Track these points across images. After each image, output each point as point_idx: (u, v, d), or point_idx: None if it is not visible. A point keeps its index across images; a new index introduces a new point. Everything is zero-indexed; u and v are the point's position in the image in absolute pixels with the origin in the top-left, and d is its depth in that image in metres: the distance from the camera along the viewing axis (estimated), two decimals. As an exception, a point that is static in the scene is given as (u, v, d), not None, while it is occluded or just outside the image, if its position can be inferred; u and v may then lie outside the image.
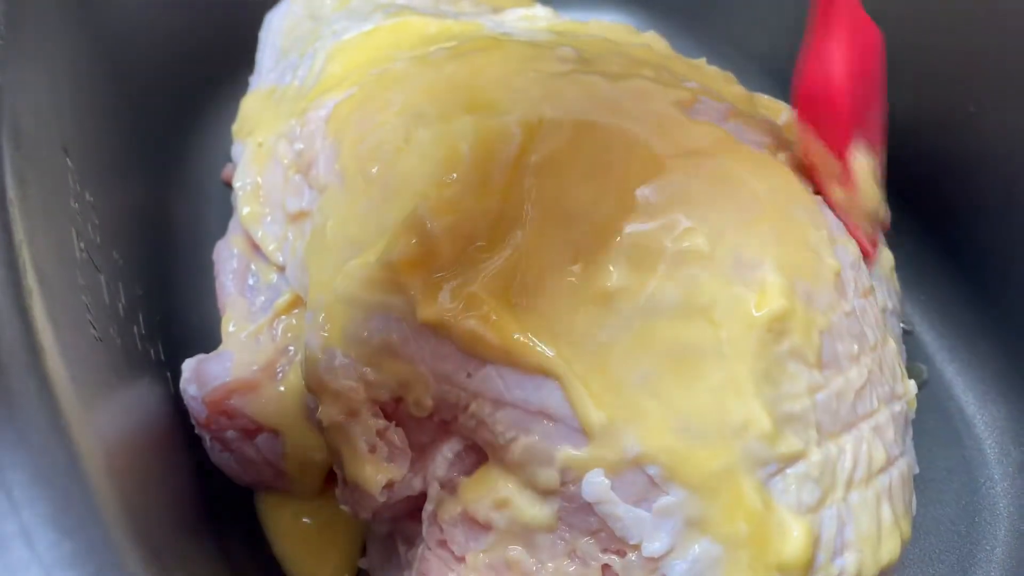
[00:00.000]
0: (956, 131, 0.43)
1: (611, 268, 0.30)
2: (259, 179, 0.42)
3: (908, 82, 0.45)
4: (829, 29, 0.33)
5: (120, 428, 0.29)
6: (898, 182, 0.47)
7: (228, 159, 0.47)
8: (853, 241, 0.34)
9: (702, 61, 0.42)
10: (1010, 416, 0.43)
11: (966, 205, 0.44)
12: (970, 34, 0.42)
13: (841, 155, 0.34)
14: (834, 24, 0.33)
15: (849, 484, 0.30)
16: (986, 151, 0.42)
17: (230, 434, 0.38)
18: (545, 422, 0.30)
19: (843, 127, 0.34)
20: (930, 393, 0.45)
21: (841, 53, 0.33)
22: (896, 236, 0.39)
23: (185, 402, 0.38)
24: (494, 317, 0.30)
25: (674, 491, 0.29)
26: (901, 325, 0.37)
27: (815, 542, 0.29)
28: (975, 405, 0.44)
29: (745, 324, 0.30)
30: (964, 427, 0.44)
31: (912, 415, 0.35)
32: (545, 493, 0.30)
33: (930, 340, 0.46)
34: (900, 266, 0.38)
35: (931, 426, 0.43)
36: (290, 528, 0.39)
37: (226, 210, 0.45)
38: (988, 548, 0.40)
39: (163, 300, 0.41)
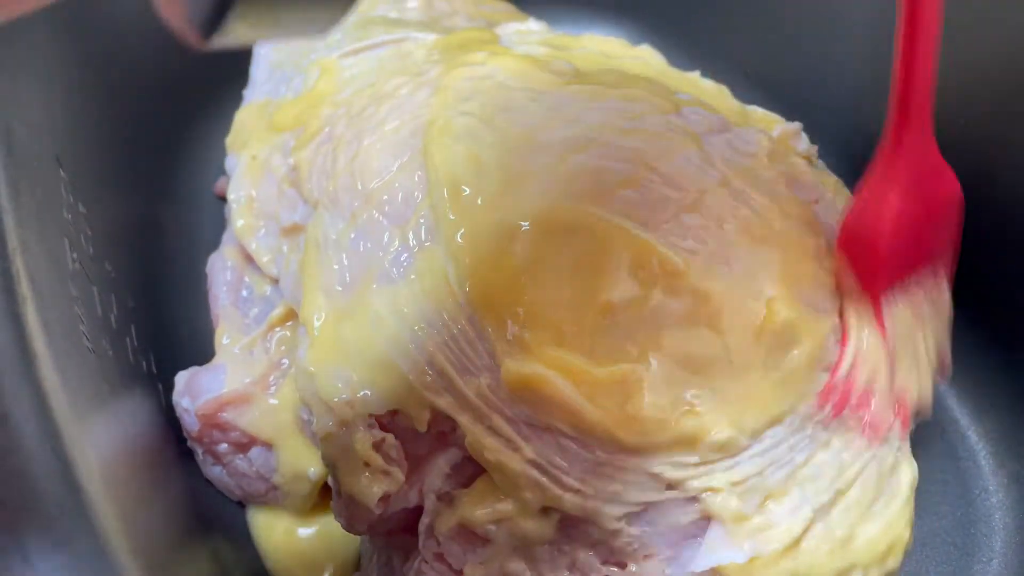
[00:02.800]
0: (947, 143, 0.43)
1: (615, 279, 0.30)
2: (253, 192, 0.42)
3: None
4: (889, 170, 0.31)
5: (113, 440, 0.29)
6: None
7: (222, 171, 0.47)
8: None
9: (696, 74, 0.43)
10: (1004, 428, 0.43)
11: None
12: (962, 47, 0.42)
13: (874, 299, 0.32)
14: (896, 167, 0.30)
15: (855, 481, 0.31)
16: (977, 163, 0.42)
17: (223, 447, 0.38)
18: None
19: (878, 272, 0.32)
20: (924, 405, 0.45)
21: (895, 198, 0.30)
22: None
23: (177, 415, 0.38)
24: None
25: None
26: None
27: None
28: (969, 417, 0.44)
29: (752, 333, 0.30)
30: (959, 439, 0.43)
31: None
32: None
33: (923, 353, 0.46)
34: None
35: (926, 438, 0.43)
36: (283, 543, 0.39)
37: (219, 222, 0.44)
38: (984, 560, 0.40)
39: (156, 312, 0.41)
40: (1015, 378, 0.43)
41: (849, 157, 0.46)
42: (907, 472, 0.32)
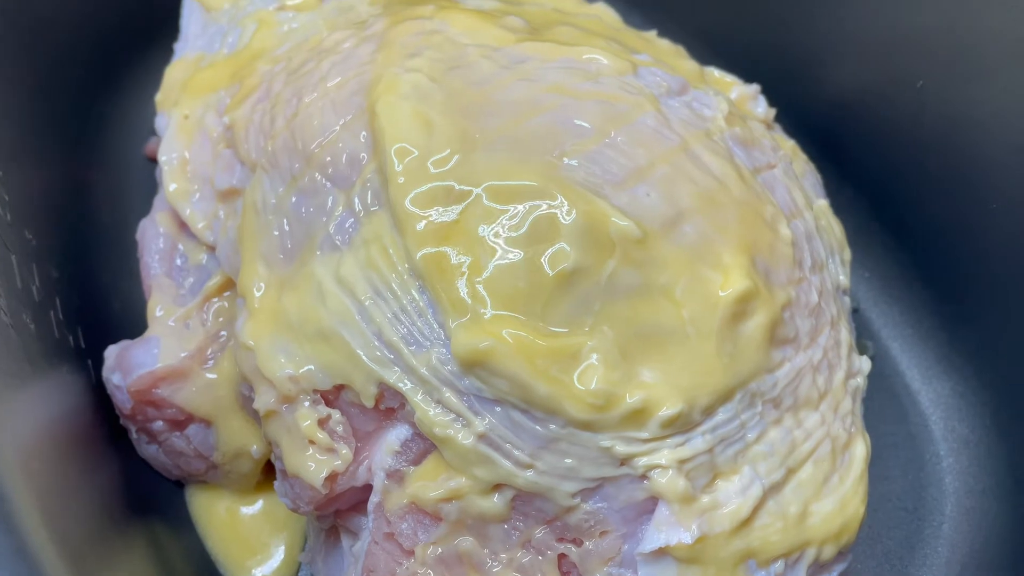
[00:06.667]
0: (904, 106, 0.43)
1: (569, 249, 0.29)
2: (186, 153, 0.40)
3: (857, 55, 0.45)
4: None
5: (35, 423, 0.27)
6: (843, 157, 0.47)
7: (152, 132, 0.45)
8: (809, 212, 0.34)
9: (653, 33, 0.41)
10: (955, 392, 0.43)
11: (911, 181, 0.44)
12: (920, 9, 0.42)
13: None
14: None
15: (808, 459, 0.31)
16: (933, 127, 0.42)
17: (158, 425, 0.37)
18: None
19: None
20: (876, 370, 0.45)
21: None
22: (840, 212, 0.38)
23: (108, 392, 0.37)
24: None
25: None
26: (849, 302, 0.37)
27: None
28: (920, 381, 0.44)
29: (709, 304, 0.29)
30: (910, 403, 0.44)
31: (863, 392, 0.35)
32: (498, 482, 0.29)
33: (875, 317, 0.47)
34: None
35: (877, 403, 0.44)
36: (224, 522, 0.38)
37: (150, 186, 0.43)
38: (935, 524, 0.41)
39: (83, 283, 0.39)
40: (966, 343, 0.43)
41: (806, 121, 0.46)
42: (861, 447, 0.32)
